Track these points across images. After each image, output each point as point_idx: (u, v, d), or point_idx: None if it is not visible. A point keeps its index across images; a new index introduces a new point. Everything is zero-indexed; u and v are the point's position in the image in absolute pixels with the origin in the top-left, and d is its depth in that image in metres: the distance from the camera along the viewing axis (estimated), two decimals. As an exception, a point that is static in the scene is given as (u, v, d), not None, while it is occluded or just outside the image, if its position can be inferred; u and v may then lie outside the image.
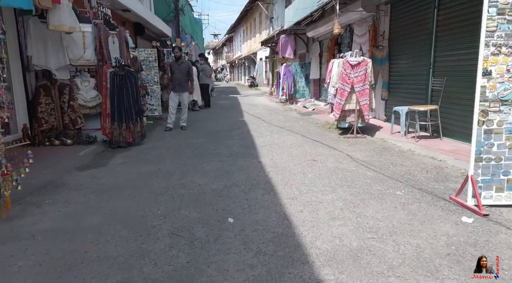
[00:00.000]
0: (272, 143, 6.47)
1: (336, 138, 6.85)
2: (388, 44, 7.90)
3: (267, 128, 8.31)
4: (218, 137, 7.15)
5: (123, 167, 4.89)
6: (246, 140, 6.83)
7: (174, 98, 8.16)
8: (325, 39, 12.73)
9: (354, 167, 4.64)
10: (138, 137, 6.35)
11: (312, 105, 12.45)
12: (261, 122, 9.30)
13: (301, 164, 4.89)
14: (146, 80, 9.84)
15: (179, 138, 7.20)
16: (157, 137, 7.29)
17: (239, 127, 8.56)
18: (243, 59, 38.02)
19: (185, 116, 8.35)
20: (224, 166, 4.88)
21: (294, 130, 7.84)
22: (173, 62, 8.27)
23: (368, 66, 6.57)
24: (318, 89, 13.78)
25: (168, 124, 8.17)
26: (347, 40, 10.13)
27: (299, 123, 9.13)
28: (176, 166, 4.90)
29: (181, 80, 8.06)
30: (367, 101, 6.64)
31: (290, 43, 14.02)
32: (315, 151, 5.68)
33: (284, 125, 8.64)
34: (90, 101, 6.34)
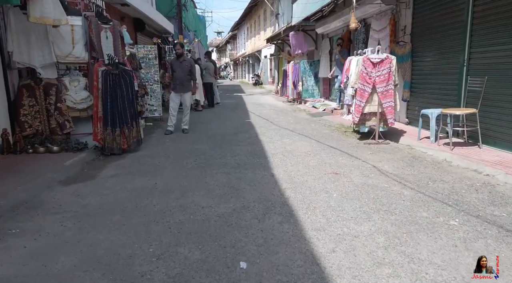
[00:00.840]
0: (284, 150, 5.75)
1: (356, 144, 6.12)
2: (411, 39, 7.15)
3: (276, 131, 7.60)
4: (223, 142, 6.45)
5: (114, 181, 4.19)
6: (255, 146, 6.13)
7: (175, 98, 7.47)
8: (336, 35, 11.99)
9: (386, 183, 3.92)
10: (133, 143, 5.66)
11: (322, 105, 11.71)
12: (269, 124, 8.59)
13: (321, 178, 4.17)
14: (146, 79, 9.15)
15: (180, 143, 6.50)
16: (156, 142, 6.60)
17: (245, 130, 7.86)
18: (247, 57, 37.29)
19: (187, 118, 7.65)
20: (231, 180, 4.18)
21: (307, 134, 7.13)
22: (174, 60, 7.56)
23: (393, 64, 5.83)
24: (327, 88, 13.04)
25: (169, 127, 7.47)
26: (362, 35, 9.38)
27: (311, 125, 8.41)
28: (176, 180, 4.21)
29: (182, 79, 7.36)
30: (391, 103, 5.91)
31: (300, 39, 13.26)
32: (335, 161, 4.96)
33: (294, 128, 7.92)
34: (80, 103, 5.65)
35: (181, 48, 7.48)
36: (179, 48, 7.46)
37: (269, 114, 10.77)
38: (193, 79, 7.54)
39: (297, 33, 13.30)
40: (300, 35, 13.35)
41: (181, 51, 7.42)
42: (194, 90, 7.66)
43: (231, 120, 9.61)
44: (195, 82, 7.65)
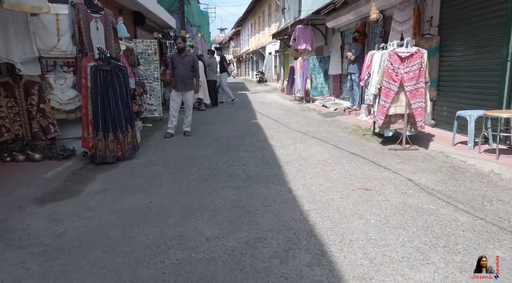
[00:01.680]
0: (299, 157, 5.04)
1: (380, 150, 5.40)
2: (438, 32, 6.40)
3: (287, 134, 6.88)
4: (230, 147, 5.74)
5: (101, 199, 3.50)
6: (265, 152, 5.42)
7: (176, 98, 6.76)
8: (348, 30, 11.23)
9: (431, 204, 3.20)
10: (128, 149, 4.97)
11: (333, 105, 10.97)
12: (279, 126, 7.87)
13: (349, 196, 3.46)
14: (145, 76, 8.46)
15: (182, 148, 5.80)
16: (155, 147, 5.90)
17: (253, 132, 7.15)
18: (251, 54, 36.55)
19: (189, 119, 6.95)
20: (241, 197, 3.48)
21: (322, 137, 6.41)
22: (175, 55, 6.85)
23: (424, 59, 5.10)
24: (338, 86, 12.29)
25: (169, 129, 6.77)
26: (379, 29, 8.64)
27: (324, 127, 7.68)
28: (175, 197, 3.51)
29: (184, 76, 6.65)
30: (421, 104, 5.18)
31: (308, 34, 12.51)
32: (361, 172, 4.25)
33: (307, 130, 7.20)
34: (67, 103, 4.96)
35: (182, 42, 6.76)
36: (181, 41, 6.75)
37: (277, 114, 10.05)
38: (196, 76, 6.84)
39: (306, 27, 12.55)
40: (308, 29, 12.58)
41: (182, 45, 6.70)
42: (197, 89, 6.95)
43: (237, 120, 8.90)
44: (198, 80, 6.94)
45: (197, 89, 6.95)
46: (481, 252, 2.32)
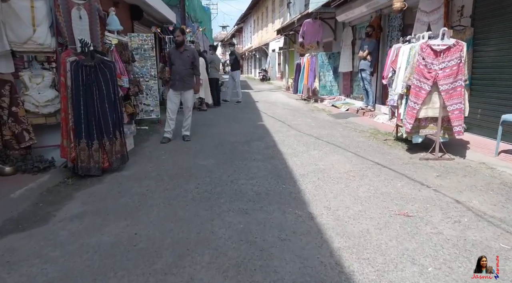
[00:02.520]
0: (315, 168, 4.31)
1: (408, 159, 4.66)
2: (472, 23, 5.64)
3: (298, 138, 6.14)
4: (235, 155, 5.01)
5: (74, 229, 2.78)
6: (275, 161, 4.69)
7: (174, 98, 6.03)
8: (361, 24, 10.46)
9: (503, 241, 2.46)
10: (117, 159, 4.24)
11: (344, 104, 10.22)
12: (287, 129, 7.14)
13: (388, 225, 2.73)
14: (140, 74, 7.74)
15: (180, 155, 5.08)
16: (149, 154, 5.18)
17: (260, 136, 6.41)
18: (254, 51, 35.76)
19: (188, 122, 6.22)
20: (251, 226, 2.75)
21: (338, 143, 5.67)
22: (173, 50, 6.11)
23: (463, 53, 4.34)
24: (349, 85, 11.53)
25: (166, 134, 6.05)
26: (398, 21, 7.88)
27: (338, 130, 6.94)
28: (167, 226, 2.79)
29: (183, 74, 5.92)
30: (460, 105, 4.42)
31: (316, 29, 11.73)
32: (394, 189, 3.51)
33: (319, 134, 6.46)
34: (45, 106, 4.24)
35: (181, 35, 6.01)
36: (179, 34, 6.00)
37: (284, 114, 9.31)
38: (196, 74, 6.11)
39: (314, 21, 11.78)
40: (317, 23, 11.82)
41: (181, 38, 5.96)
42: (197, 88, 6.22)
43: (241, 122, 8.17)
44: (198, 78, 6.21)
45: (197, 88, 6.22)
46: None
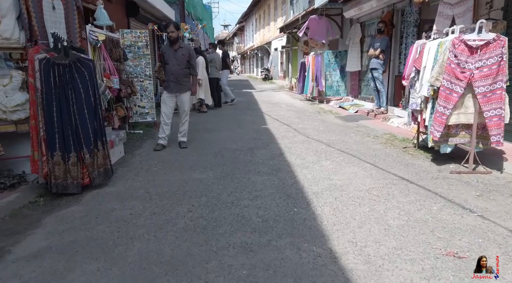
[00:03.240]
0: (330, 184, 3.69)
1: (437, 173, 4.02)
2: (504, 15, 5.00)
3: (306, 145, 5.52)
4: (236, 166, 4.39)
5: (28, 276, 2.16)
6: (283, 174, 4.06)
7: (168, 101, 5.40)
8: (371, 20, 9.82)
9: None
10: (99, 174, 3.62)
11: (353, 106, 9.59)
12: (294, 133, 6.51)
13: (436, 271, 2.10)
14: (134, 73, 7.12)
15: (174, 167, 4.45)
16: (140, 165, 4.56)
17: (264, 142, 5.78)
18: (256, 50, 35.14)
19: (185, 127, 5.59)
20: (257, 273, 2.13)
21: (352, 151, 5.04)
22: (167, 47, 5.48)
23: (505, 49, 3.70)
24: (357, 84, 10.88)
25: (160, 140, 5.43)
26: (414, 16, 7.23)
27: (349, 135, 6.30)
28: (149, 272, 2.16)
29: (178, 73, 5.30)
30: (501, 111, 3.78)
31: (322, 25, 11.07)
32: (430, 214, 2.88)
33: (330, 140, 5.83)
34: (14, 111, 3.61)
35: (175, 30, 5.37)
36: (173, 30, 5.35)
37: (289, 117, 8.68)
38: (193, 74, 5.48)
39: (320, 18, 11.12)
40: (323, 20, 11.16)
41: (176, 34, 5.32)
42: (194, 89, 5.59)
43: (244, 126, 7.54)
44: (195, 78, 5.58)
45: (194, 90, 5.58)
46: None
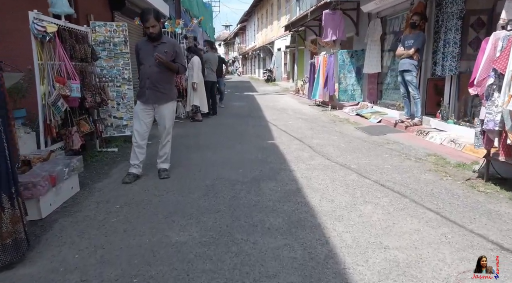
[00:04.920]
0: (387, 260, 2.25)
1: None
2: None
3: (330, 173, 4.09)
4: (235, 216, 2.95)
5: None
6: (307, 234, 2.62)
7: (143, 115, 3.94)
8: (394, 14, 8.40)
9: None
10: (4, 250, 2.18)
11: (374, 114, 8.15)
12: (310, 153, 5.09)
13: None
14: (109, 77, 5.72)
15: (142, 217, 3.01)
16: (95, 211, 3.13)
17: (273, 169, 4.36)
18: (258, 50, 33.77)
19: (166, 150, 4.14)
20: None
21: (398, 187, 3.60)
22: (144, 43, 4.02)
23: None
24: (376, 88, 9.45)
25: (131, 168, 3.99)
26: (457, 6, 5.79)
27: (383, 157, 4.87)
28: None
29: (156, 78, 3.85)
30: None
31: (337, 21, 9.62)
32: None
33: (359, 165, 4.41)
34: None
35: (157, 24, 3.89)
36: (154, 23, 3.79)
37: (299, 127, 7.26)
38: (180, 70, 4.07)
39: (334, 12, 9.70)
40: (337, 15, 9.74)
41: (157, 29, 3.83)
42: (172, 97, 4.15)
43: (245, 140, 6.11)
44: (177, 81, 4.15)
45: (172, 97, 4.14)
46: None
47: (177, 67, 3.91)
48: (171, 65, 3.85)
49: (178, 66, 3.92)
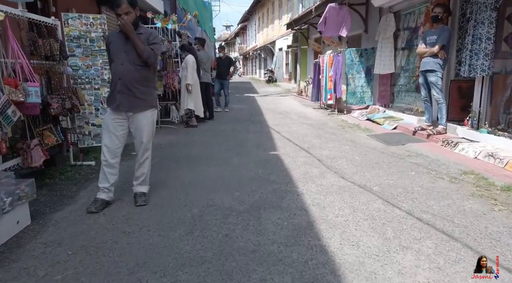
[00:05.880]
0: None
1: None
2: None
3: (347, 198, 3.27)
4: (225, 273, 2.14)
5: None
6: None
7: (114, 126, 3.10)
8: (409, 8, 7.59)
9: None
10: None
11: (387, 119, 7.32)
12: (321, 169, 4.26)
13: None
14: (85, 78, 4.90)
15: (102, 267, 2.19)
16: (38, 259, 2.32)
17: (277, 191, 3.53)
18: (259, 50, 32.99)
19: (144, 170, 3.31)
20: None
21: (440, 223, 2.78)
22: (115, 34, 3.20)
23: None
24: (388, 91, 8.62)
25: (99, 193, 3.16)
26: (492, -4, 4.96)
27: (408, 174, 4.04)
28: None
29: (130, 78, 3.02)
30: None
31: (343, 17, 8.79)
32: None
33: (382, 186, 3.59)
34: None
35: (130, 8, 3.05)
36: (127, 9, 3.02)
37: (305, 135, 6.44)
38: (152, 79, 3.25)
39: (340, 7, 8.86)
40: (344, 10, 8.90)
41: (132, 17, 3.02)
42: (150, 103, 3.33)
43: (244, 151, 5.28)
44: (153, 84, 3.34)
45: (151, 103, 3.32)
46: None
47: (144, 48, 3.02)
48: (137, 42, 3.00)
49: (148, 49, 3.04)
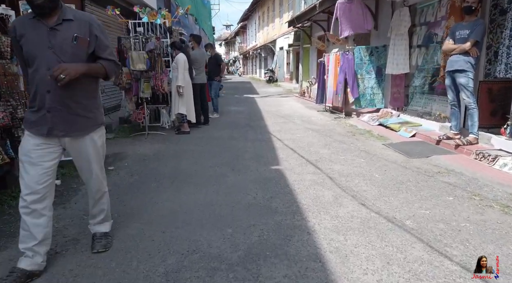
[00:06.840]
0: None
1: None
2: None
3: (376, 243, 2.44)
4: None
5: None
6: None
7: (40, 156, 2.12)
8: (425, 2, 6.75)
9: None
10: None
11: (403, 125, 6.47)
12: (334, 192, 3.43)
13: None
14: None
15: None
16: None
17: (280, 227, 2.70)
18: (259, 49, 32.15)
19: (103, 205, 2.45)
20: None
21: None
22: (26, 24, 2.10)
23: None
24: (401, 92, 7.77)
25: (22, 259, 2.10)
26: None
27: (445, 200, 3.21)
28: None
29: (65, 91, 2.08)
30: None
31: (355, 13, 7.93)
32: None
33: (417, 221, 2.75)
34: None
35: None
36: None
37: (312, 144, 5.61)
38: (115, 69, 2.38)
39: (350, 2, 8.01)
40: (355, 5, 8.05)
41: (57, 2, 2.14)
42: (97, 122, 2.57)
43: (241, 166, 4.44)
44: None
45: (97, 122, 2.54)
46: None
47: (102, 69, 2.18)
48: (92, 69, 2.16)
49: (105, 66, 2.19)
